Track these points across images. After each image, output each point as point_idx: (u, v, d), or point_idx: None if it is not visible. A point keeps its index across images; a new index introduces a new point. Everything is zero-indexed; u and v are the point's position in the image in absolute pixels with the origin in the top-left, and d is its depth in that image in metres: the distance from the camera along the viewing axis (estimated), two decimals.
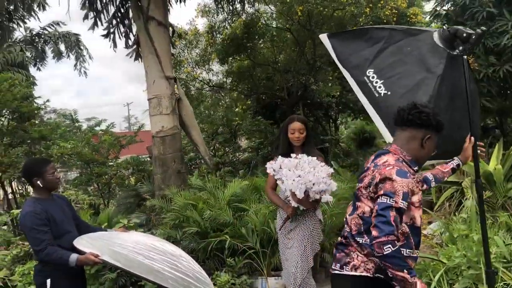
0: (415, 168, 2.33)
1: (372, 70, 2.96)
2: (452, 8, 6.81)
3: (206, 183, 6.19)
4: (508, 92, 7.22)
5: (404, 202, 2.10)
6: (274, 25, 11.20)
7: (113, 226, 5.77)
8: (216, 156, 11.07)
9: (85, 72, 15.51)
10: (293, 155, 3.47)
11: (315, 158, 3.44)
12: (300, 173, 3.29)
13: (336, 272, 2.36)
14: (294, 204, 3.40)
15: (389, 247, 2.00)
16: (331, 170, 3.47)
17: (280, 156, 3.55)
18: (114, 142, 8.67)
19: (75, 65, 15.39)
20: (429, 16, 7.25)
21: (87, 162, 8.17)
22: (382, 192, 2.12)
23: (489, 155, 6.60)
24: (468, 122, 2.75)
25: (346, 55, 3.13)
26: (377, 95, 2.90)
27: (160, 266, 3.05)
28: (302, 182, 3.24)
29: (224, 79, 12.96)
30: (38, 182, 3.06)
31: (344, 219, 2.45)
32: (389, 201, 2.08)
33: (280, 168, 3.45)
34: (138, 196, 7.14)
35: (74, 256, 2.90)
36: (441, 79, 2.74)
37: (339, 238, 2.47)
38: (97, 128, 9.21)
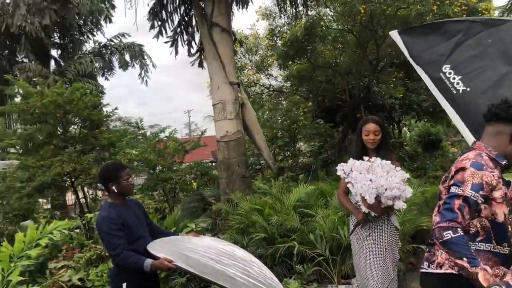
0: (504, 163, 2.21)
1: (449, 66, 2.78)
2: None
3: (271, 187, 6.14)
4: None
5: (472, 192, 2.05)
6: (335, 27, 10.99)
7: (180, 230, 5.86)
8: (276, 160, 11.00)
9: (146, 81, 16.00)
10: (365, 158, 3.29)
11: (389, 162, 3.23)
12: (371, 177, 3.12)
13: (424, 270, 2.36)
14: (364, 209, 3.23)
15: (449, 233, 1.97)
16: (407, 175, 3.23)
17: (351, 159, 3.40)
18: (179, 147, 8.82)
19: (140, 74, 15.98)
20: (504, 11, 6.76)
21: (153, 168, 8.35)
22: (452, 182, 2.14)
23: None
24: None
25: (419, 51, 2.96)
26: (455, 92, 2.72)
27: (232, 271, 3.01)
28: (373, 187, 3.07)
29: (284, 83, 12.91)
30: (113, 187, 3.12)
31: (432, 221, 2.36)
32: (457, 190, 2.07)
33: (351, 170, 3.30)
34: (203, 201, 7.21)
35: (148, 261, 2.92)
36: None
37: (429, 240, 2.43)
38: (162, 135, 9.42)
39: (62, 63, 14.96)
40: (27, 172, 7.35)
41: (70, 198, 13.27)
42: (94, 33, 15.87)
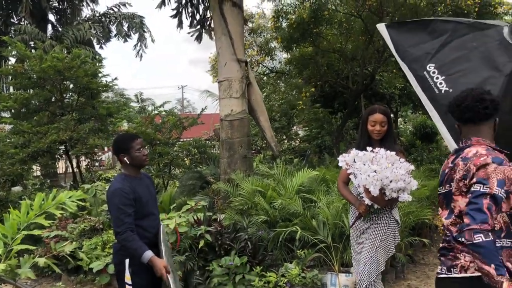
0: (506, 152, 2.21)
1: (433, 65, 2.76)
2: None
3: (273, 169, 6.04)
4: None
5: (499, 188, 1.98)
6: (342, 11, 10.78)
7: (178, 207, 5.75)
8: None
9: (141, 55, 15.60)
10: (369, 148, 3.16)
11: (394, 153, 3.10)
12: (376, 168, 2.99)
13: (443, 275, 2.24)
14: (367, 201, 3.13)
15: (480, 236, 1.88)
16: (412, 167, 3.10)
17: (354, 149, 3.27)
18: (177, 123, 8.68)
19: (135, 46, 15.56)
20: None
21: (150, 142, 8.22)
22: (475, 180, 2.04)
23: None
24: None
25: (405, 47, 2.93)
26: (437, 91, 2.70)
27: None
28: (377, 178, 2.95)
29: (286, 67, 12.73)
30: (125, 158, 2.99)
31: (442, 226, 2.39)
32: (483, 188, 1.99)
33: (354, 161, 3.17)
34: (201, 179, 7.10)
35: (148, 254, 2.83)
36: (508, 79, 2.53)
37: (441, 244, 2.34)
38: (161, 109, 9.24)
39: (60, 29, 14.57)
40: (22, 138, 7.18)
41: (60, 166, 13.09)
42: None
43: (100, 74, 8.34)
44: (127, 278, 2.91)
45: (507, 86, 2.53)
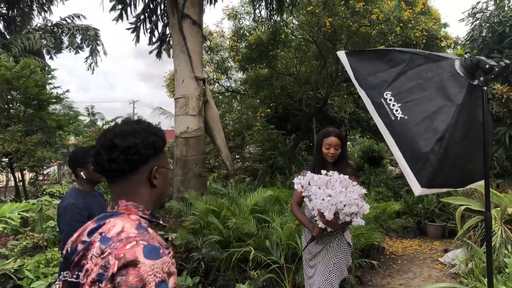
0: (160, 222, 1.53)
1: (390, 93, 2.88)
2: (490, 34, 6.66)
3: (228, 189, 6.02)
4: None
5: None
6: (299, 36, 11.07)
7: None
8: None
9: (93, 68, 15.21)
10: (323, 171, 3.19)
11: (347, 177, 3.16)
12: (330, 192, 3.03)
13: None
14: (321, 225, 3.15)
15: None
16: (364, 191, 3.18)
17: (309, 172, 3.30)
18: None
19: (87, 58, 15.15)
20: (463, 40, 7.09)
21: None
22: None
23: None
24: (480, 154, 2.70)
25: (364, 75, 3.04)
26: (393, 118, 2.82)
27: None
28: (332, 203, 2.99)
29: (242, 87, 12.84)
30: (82, 173, 2.90)
31: None
32: None
33: (309, 184, 3.20)
34: None
35: None
36: (460, 108, 2.65)
37: None
38: (112, 124, 9.02)
39: (8, 36, 13.99)
40: None
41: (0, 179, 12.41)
42: (46, 8, 14.99)
43: (50, 86, 8.07)
44: None
45: (458, 116, 2.66)
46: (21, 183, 7.78)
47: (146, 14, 8.12)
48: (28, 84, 6.99)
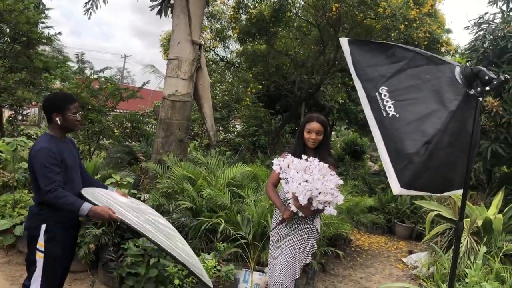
0: None
1: (386, 88, 2.86)
2: (491, 47, 6.64)
3: (208, 159, 5.96)
4: None
5: None
6: (303, 17, 10.91)
7: (102, 179, 5.53)
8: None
9: (90, 13, 14.72)
10: (304, 156, 3.22)
11: (327, 165, 3.19)
12: (308, 178, 3.06)
13: None
14: (293, 208, 3.17)
15: None
16: (341, 181, 3.22)
17: (290, 155, 3.33)
18: (115, 92, 8.34)
19: (86, 3, 14.68)
20: (463, 49, 7.07)
21: (83, 106, 7.83)
22: None
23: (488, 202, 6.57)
24: (463, 163, 2.73)
25: (363, 66, 3.00)
26: (384, 114, 2.81)
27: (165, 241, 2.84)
28: (308, 189, 3.02)
29: (237, 59, 12.67)
30: (57, 119, 2.81)
31: None
32: None
33: (288, 167, 3.23)
34: (131, 154, 6.86)
35: (87, 205, 2.67)
36: (452, 115, 2.66)
37: None
38: (101, 74, 8.82)
39: None
40: None
41: None
42: None
43: (42, 25, 7.81)
44: (40, 245, 2.74)
45: (449, 122, 2.64)
46: None
47: None
48: (19, 19, 6.75)
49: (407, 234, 8.62)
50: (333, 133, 21.36)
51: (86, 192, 2.85)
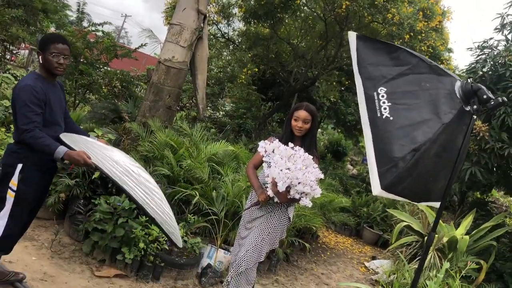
0: None
1: (385, 89, 2.87)
2: (490, 72, 6.69)
3: (193, 131, 5.91)
4: (499, 171, 7.21)
5: None
6: (312, 9, 10.81)
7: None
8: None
9: None
10: (290, 144, 3.23)
11: (311, 157, 3.21)
12: (290, 166, 3.08)
13: None
14: (270, 193, 3.20)
15: None
16: (322, 175, 3.25)
17: (277, 140, 3.34)
18: (111, 48, 8.16)
19: None
20: (464, 70, 7.10)
21: (75, 56, 7.66)
22: None
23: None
24: (445, 176, 2.76)
25: (366, 63, 3.00)
26: (379, 114, 2.82)
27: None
28: (289, 176, 3.04)
29: (238, 38, 12.53)
30: (40, 57, 2.78)
31: None
32: None
33: (273, 152, 3.24)
34: (115, 112, 6.75)
35: (63, 149, 2.60)
36: (444, 127, 2.67)
37: None
38: (99, 28, 8.60)
39: None
40: None
41: None
42: None
43: None
44: (13, 184, 2.68)
45: (440, 134, 2.65)
46: None
47: None
48: None
49: (374, 240, 8.73)
50: (319, 130, 21.47)
51: (65, 136, 2.80)
